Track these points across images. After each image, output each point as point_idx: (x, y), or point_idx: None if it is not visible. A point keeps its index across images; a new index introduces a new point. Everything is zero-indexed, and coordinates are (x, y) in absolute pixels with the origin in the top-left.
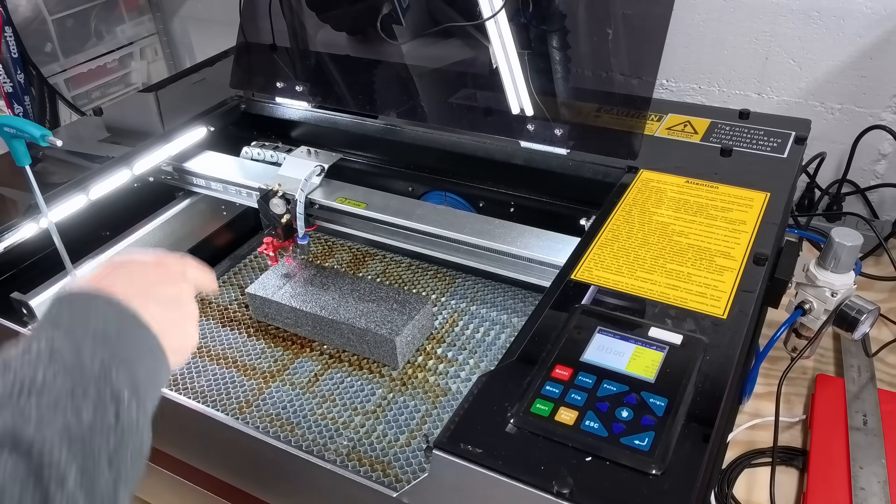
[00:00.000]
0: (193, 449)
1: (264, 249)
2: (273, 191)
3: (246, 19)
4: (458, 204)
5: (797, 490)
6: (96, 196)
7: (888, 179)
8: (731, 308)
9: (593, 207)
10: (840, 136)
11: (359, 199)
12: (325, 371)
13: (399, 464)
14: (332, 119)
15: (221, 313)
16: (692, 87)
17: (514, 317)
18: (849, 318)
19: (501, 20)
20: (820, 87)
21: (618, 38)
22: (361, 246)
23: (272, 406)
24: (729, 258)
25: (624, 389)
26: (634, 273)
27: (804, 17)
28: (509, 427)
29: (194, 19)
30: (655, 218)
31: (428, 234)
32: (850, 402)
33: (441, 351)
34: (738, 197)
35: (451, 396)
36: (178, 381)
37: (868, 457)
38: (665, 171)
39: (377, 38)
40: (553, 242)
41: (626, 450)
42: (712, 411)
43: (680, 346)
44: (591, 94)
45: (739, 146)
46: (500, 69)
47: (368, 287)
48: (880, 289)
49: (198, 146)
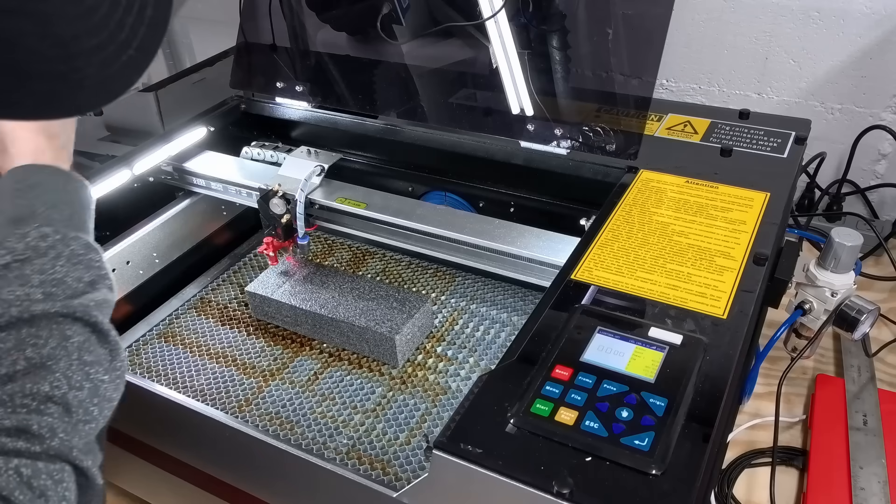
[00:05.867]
0: (193, 448)
1: (264, 249)
2: (273, 191)
3: (246, 19)
4: (458, 204)
5: (797, 490)
6: (96, 196)
7: (888, 179)
8: (731, 308)
9: (593, 207)
10: (840, 136)
11: (359, 199)
12: (324, 369)
13: (399, 462)
14: (332, 119)
15: (221, 312)
16: (692, 87)
17: (514, 315)
18: (849, 318)
19: (501, 20)
20: (820, 87)
21: (618, 38)
22: (361, 244)
23: (272, 404)
24: (729, 258)
25: (624, 389)
26: (634, 273)
27: (804, 17)
28: (509, 427)
29: (194, 19)
30: (655, 218)
31: (428, 234)
32: (850, 402)
33: (441, 349)
34: (738, 197)
35: (451, 395)
36: (177, 380)
37: (868, 457)
38: (665, 171)
39: (377, 38)
40: (553, 242)
41: (626, 450)
42: (712, 411)
43: (680, 346)
44: (591, 94)
45: (739, 146)
46: (500, 69)
47: (368, 285)
48: (880, 289)
49: (198, 146)
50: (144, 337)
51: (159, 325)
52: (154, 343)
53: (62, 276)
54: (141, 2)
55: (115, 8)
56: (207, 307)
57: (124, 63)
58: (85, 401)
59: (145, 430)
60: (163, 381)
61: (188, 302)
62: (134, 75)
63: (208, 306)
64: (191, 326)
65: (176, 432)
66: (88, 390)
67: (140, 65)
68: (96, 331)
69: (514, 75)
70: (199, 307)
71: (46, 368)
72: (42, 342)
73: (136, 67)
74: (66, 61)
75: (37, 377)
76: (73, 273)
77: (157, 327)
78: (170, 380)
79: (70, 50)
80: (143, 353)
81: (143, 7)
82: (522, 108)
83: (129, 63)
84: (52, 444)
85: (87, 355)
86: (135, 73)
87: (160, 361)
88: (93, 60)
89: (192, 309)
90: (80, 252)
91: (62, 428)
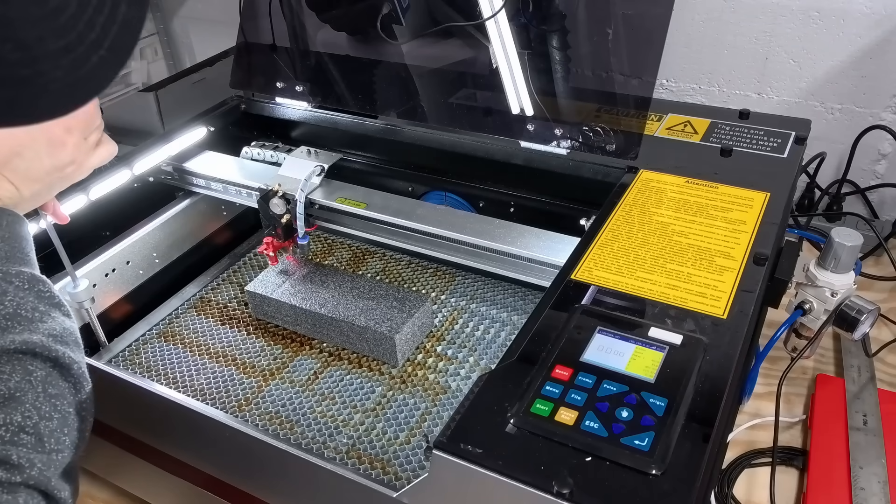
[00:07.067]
0: (192, 447)
1: (264, 249)
2: (273, 191)
3: (246, 19)
4: (458, 204)
5: (797, 490)
6: (96, 196)
7: (888, 179)
8: (731, 308)
9: (593, 207)
10: (840, 136)
11: (359, 199)
12: (324, 369)
13: (398, 461)
14: (332, 119)
15: (221, 311)
16: (692, 87)
17: (514, 314)
18: (849, 318)
19: (501, 20)
20: (820, 87)
21: (618, 39)
22: (361, 244)
23: (271, 404)
24: (729, 258)
25: (624, 389)
26: (634, 273)
27: (804, 17)
28: (509, 427)
29: (194, 19)
30: (655, 218)
31: (428, 234)
32: (850, 402)
33: (441, 349)
34: (738, 197)
35: (451, 394)
36: (177, 380)
37: (868, 457)
38: (665, 171)
39: (377, 38)
40: (553, 242)
41: (626, 450)
42: (712, 411)
43: (680, 346)
44: (591, 94)
45: (739, 146)
46: (500, 69)
47: (368, 285)
48: (880, 289)
49: (198, 146)
50: (144, 336)
51: (159, 325)
52: (154, 342)
53: (13, 310)
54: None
55: (84, 7)
56: (207, 306)
57: (95, 64)
58: (55, 430)
59: (145, 430)
60: (162, 381)
61: (188, 301)
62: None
63: (208, 306)
64: (190, 326)
65: (175, 432)
66: (58, 420)
67: (114, 65)
68: (58, 365)
69: (514, 75)
70: (199, 306)
71: (16, 399)
72: (6, 376)
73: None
74: (30, 65)
75: (8, 408)
76: (25, 305)
77: (157, 327)
78: (169, 379)
79: (34, 53)
80: (143, 352)
81: (115, 5)
82: (522, 108)
83: (100, 64)
84: (31, 473)
85: (52, 388)
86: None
87: (160, 361)
88: (60, 63)
89: (192, 308)
90: (26, 287)
91: (39, 459)
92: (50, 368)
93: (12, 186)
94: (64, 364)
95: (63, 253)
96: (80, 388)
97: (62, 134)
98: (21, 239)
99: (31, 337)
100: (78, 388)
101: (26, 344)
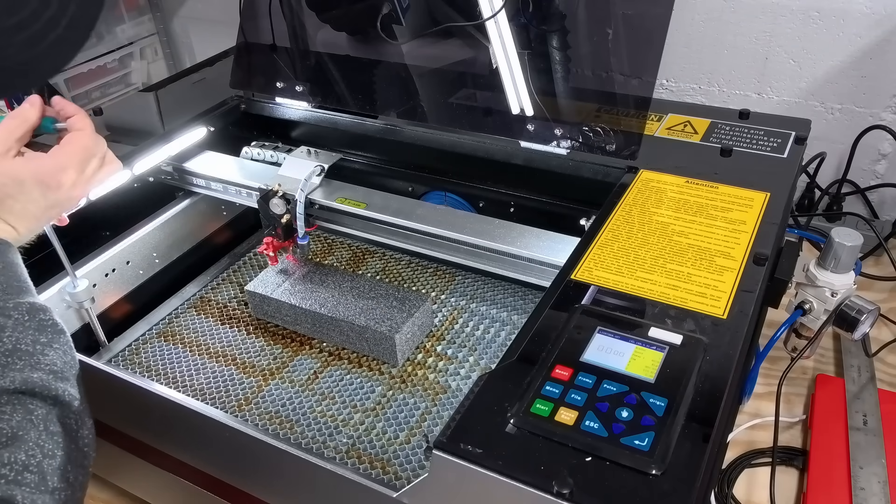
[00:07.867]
0: (192, 447)
1: (264, 249)
2: (273, 191)
3: (246, 19)
4: (458, 204)
5: (797, 490)
6: (96, 196)
7: (888, 179)
8: (731, 308)
9: (593, 207)
10: (840, 136)
11: (359, 199)
12: (324, 368)
13: (398, 461)
14: (332, 119)
15: (220, 311)
16: (692, 87)
17: (514, 314)
18: (849, 318)
19: (501, 20)
20: (820, 87)
21: (618, 39)
22: (361, 244)
23: (271, 404)
24: (729, 258)
25: (624, 389)
26: (634, 273)
27: (804, 17)
28: (509, 427)
29: (194, 19)
30: (655, 218)
31: (428, 234)
32: (850, 402)
33: (441, 348)
34: (738, 197)
35: (451, 394)
36: (177, 379)
37: (868, 457)
38: (665, 171)
39: (377, 38)
40: (553, 242)
41: (626, 450)
42: (712, 411)
43: (680, 346)
44: (591, 94)
45: (739, 146)
46: (500, 69)
47: (368, 284)
48: (880, 289)
49: (198, 146)
50: (144, 336)
51: (159, 325)
52: (154, 342)
53: (13, 346)
54: None
55: None
56: (207, 306)
57: (53, 42)
58: (59, 468)
59: (145, 430)
60: (162, 381)
61: (188, 301)
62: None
63: (208, 305)
64: (190, 325)
65: (175, 432)
66: (60, 458)
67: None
68: (58, 403)
69: (514, 75)
70: (199, 306)
71: (19, 438)
72: (7, 416)
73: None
74: None
75: (12, 447)
76: (25, 339)
77: (157, 326)
78: (169, 379)
79: None
80: (143, 352)
81: None
82: (522, 108)
83: (58, 42)
84: None
85: (53, 426)
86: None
87: (160, 360)
88: (13, 41)
89: (192, 308)
90: (26, 318)
91: (41, 499)
92: (50, 406)
93: (9, 227)
94: (64, 402)
95: (63, 253)
96: (81, 424)
97: (56, 174)
98: (16, 266)
99: (31, 375)
100: (79, 424)
101: (26, 383)
